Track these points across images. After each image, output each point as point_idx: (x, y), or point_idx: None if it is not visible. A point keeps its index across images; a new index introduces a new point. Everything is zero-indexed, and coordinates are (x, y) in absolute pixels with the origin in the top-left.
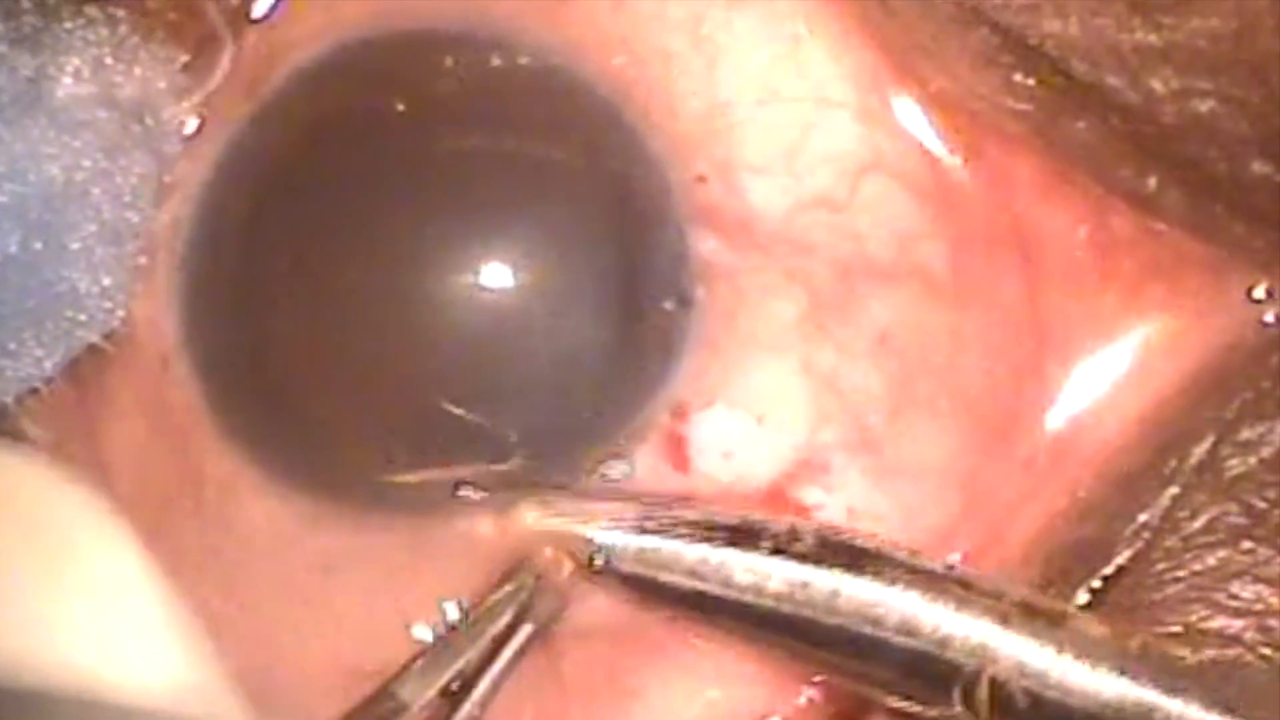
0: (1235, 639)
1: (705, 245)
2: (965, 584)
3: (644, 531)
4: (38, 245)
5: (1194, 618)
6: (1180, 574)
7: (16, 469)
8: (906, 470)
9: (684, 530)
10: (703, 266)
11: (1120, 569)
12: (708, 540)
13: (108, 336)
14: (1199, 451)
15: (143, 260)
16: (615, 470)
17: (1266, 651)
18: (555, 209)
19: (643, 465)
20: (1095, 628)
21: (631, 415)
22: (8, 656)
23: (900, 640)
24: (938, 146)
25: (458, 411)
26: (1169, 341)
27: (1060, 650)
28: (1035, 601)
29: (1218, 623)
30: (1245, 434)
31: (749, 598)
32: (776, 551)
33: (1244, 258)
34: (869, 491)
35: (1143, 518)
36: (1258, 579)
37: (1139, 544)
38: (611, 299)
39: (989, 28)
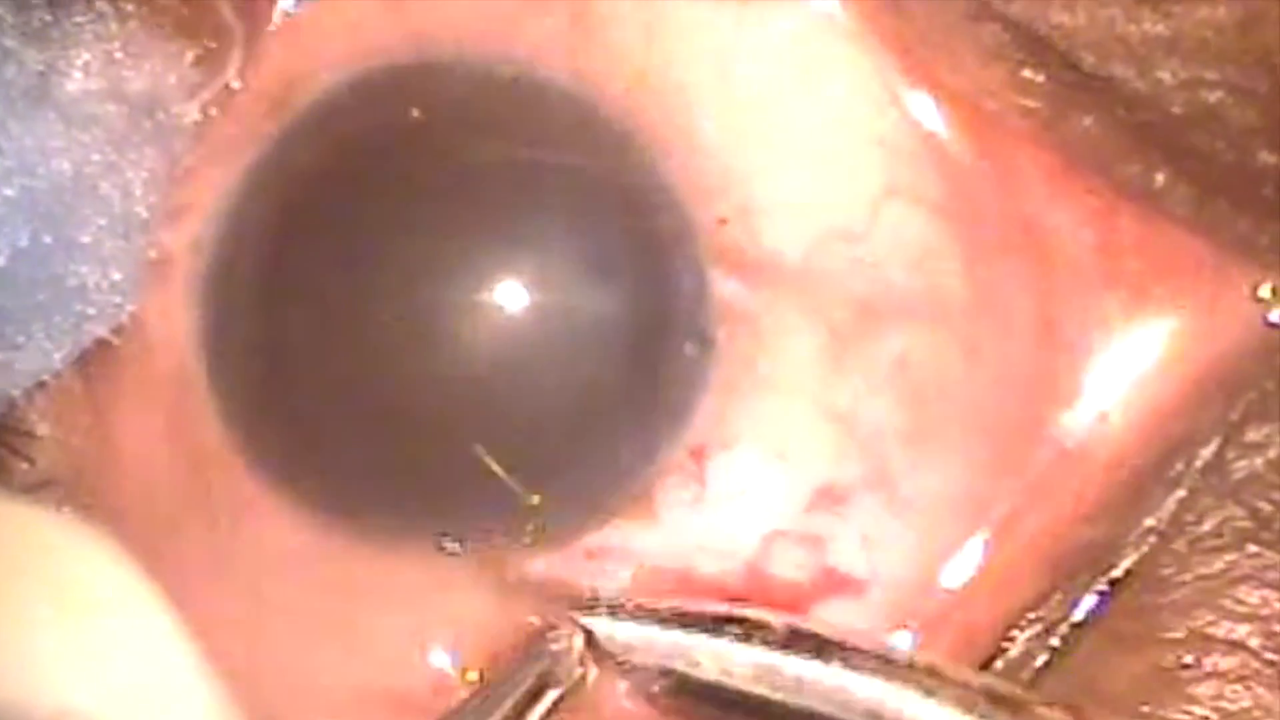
0: (1241, 645)
1: (726, 287)
2: (931, 672)
3: (623, 616)
4: (47, 239)
5: (1200, 622)
6: (1186, 578)
7: (21, 516)
8: (921, 495)
9: (664, 616)
10: (723, 308)
11: (1127, 573)
12: (681, 626)
13: (116, 331)
14: (1205, 454)
15: (158, 274)
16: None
17: (1272, 657)
18: (575, 245)
19: (661, 506)
20: (1058, 714)
21: (650, 456)
22: (14, 700)
23: None
24: (953, 154)
25: (465, 456)
26: (1174, 343)
27: None
28: (999, 690)
29: (1224, 628)
30: (1251, 436)
31: (720, 679)
32: (746, 638)
33: (1249, 256)
34: (882, 519)
35: (1149, 521)
36: (1264, 584)
37: (1145, 548)
38: (632, 340)
39: (998, 22)
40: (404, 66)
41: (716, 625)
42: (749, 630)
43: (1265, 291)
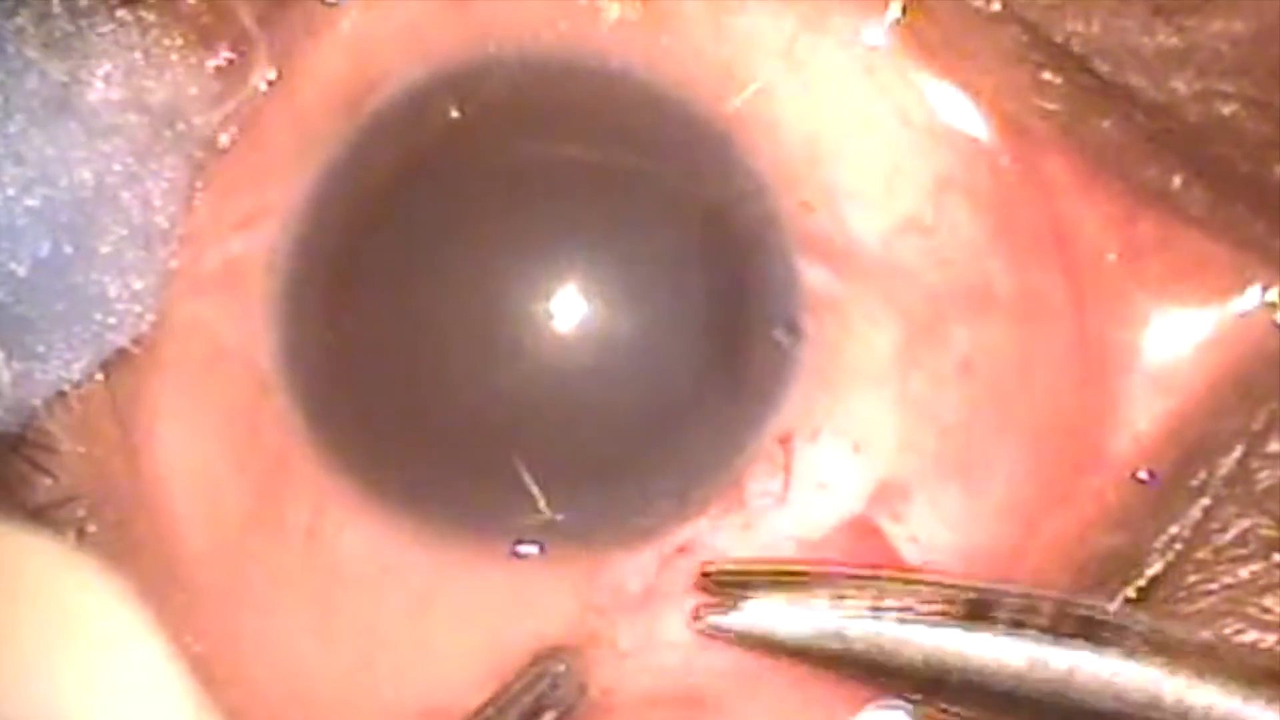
0: (1269, 653)
1: (814, 275)
2: (1206, 651)
3: (879, 613)
4: (68, 249)
5: (1227, 631)
6: (1212, 586)
7: (20, 543)
8: (972, 497)
9: (919, 609)
10: (811, 296)
11: (1153, 580)
12: (944, 617)
13: (138, 341)
14: (1228, 462)
15: (230, 283)
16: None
17: None
18: (660, 238)
19: (750, 496)
20: None
21: (739, 445)
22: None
23: (1143, 715)
24: (993, 153)
25: (548, 461)
26: (1194, 346)
27: None
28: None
29: (1250, 636)
30: (1275, 446)
31: (986, 677)
32: (1016, 625)
33: (1267, 260)
34: (933, 519)
35: (1174, 529)
36: None
37: (1170, 555)
38: (722, 329)
39: (1019, 25)
40: (471, 67)
41: (982, 609)
42: (1015, 618)
43: (1274, 295)
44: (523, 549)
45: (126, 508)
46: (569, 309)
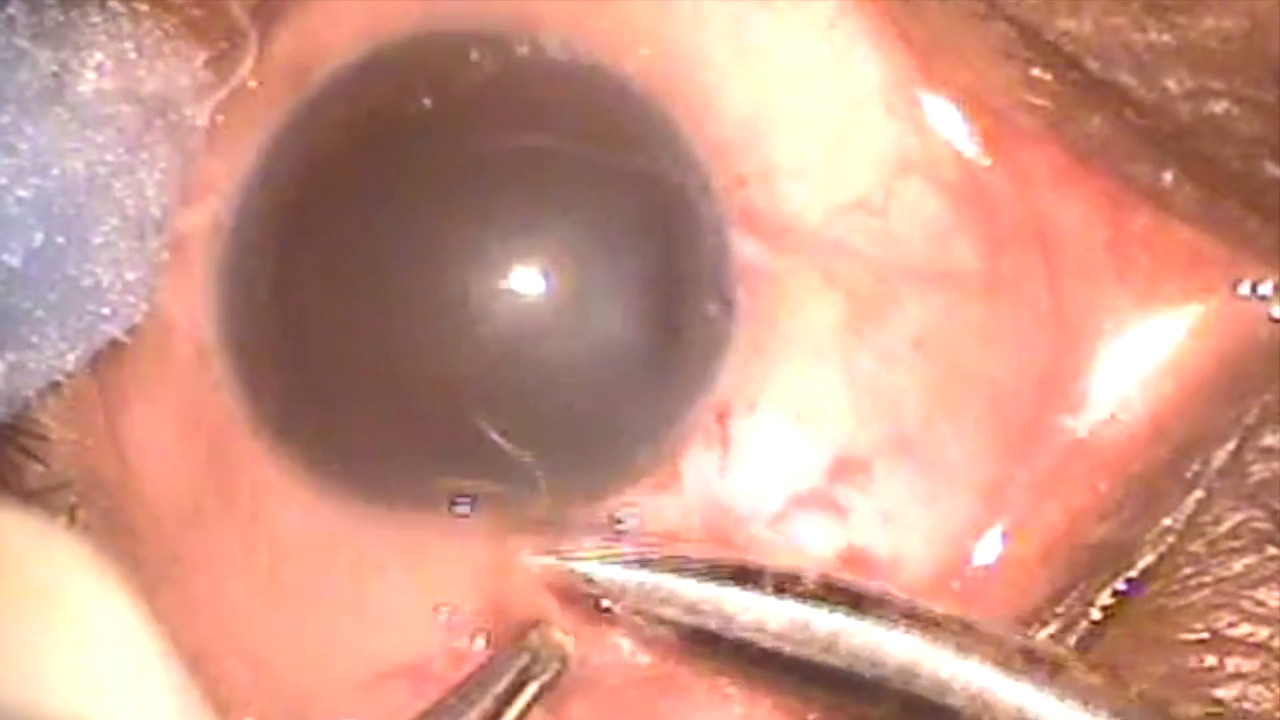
0: (1261, 647)
1: (746, 247)
2: (966, 628)
3: (643, 567)
4: (60, 239)
5: (1220, 624)
6: (1205, 579)
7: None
8: (936, 474)
9: (685, 568)
10: (744, 268)
11: (1144, 572)
12: (710, 578)
13: (130, 331)
14: (1221, 455)
15: (175, 258)
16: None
17: None
18: (595, 209)
19: (687, 470)
20: (1093, 677)
21: (675, 417)
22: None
23: (900, 684)
24: (965, 144)
25: (488, 426)
26: (1182, 339)
27: (1060, 698)
28: (1035, 648)
29: (1242, 630)
30: (1269, 440)
31: (749, 635)
32: (778, 591)
33: (1257, 254)
34: (899, 496)
35: (1166, 521)
36: None
37: (1163, 547)
38: (654, 301)
39: (1007, 22)
40: (417, 43)
41: (747, 576)
42: (782, 582)
43: (1267, 289)
44: (457, 508)
45: (114, 494)
46: (507, 281)
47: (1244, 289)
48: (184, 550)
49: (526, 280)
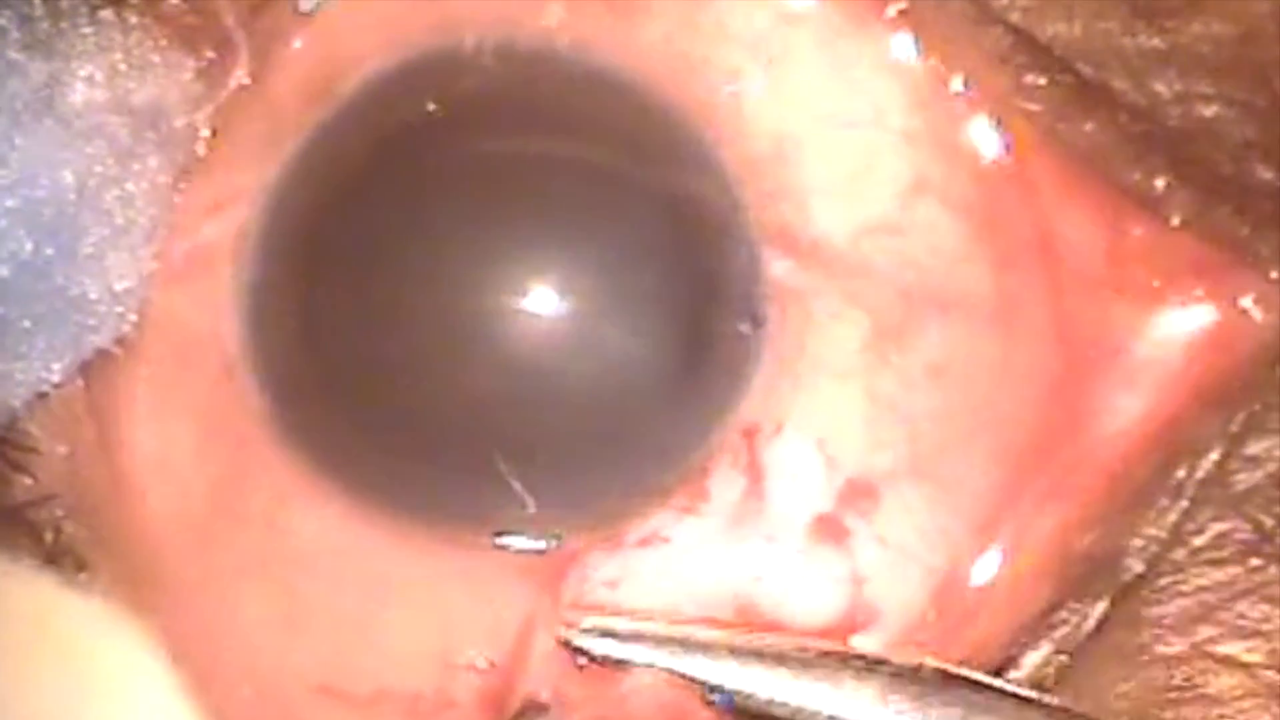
0: (1240, 662)
1: (778, 266)
2: None
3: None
4: (49, 250)
5: (1201, 637)
6: (1186, 589)
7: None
8: (943, 498)
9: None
10: (775, 287)
11: (1131, 582)
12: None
13: (119, 341)
14: (1205, 465)
15: (198, 269)
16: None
17: (1273, 676)
18: (627, 226)
19: (716, 490)
20: None
21: (704, 439)
22: None
23: None
24: (978, 158)
25: (514, 447)
26: (1179, 350)
27: None
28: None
29: (1224, 644)
30: (1252, 449)
31: None
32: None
33: (1251, 264)
34: (902, 521)
35: (1151, 531)
36: (1265, 598)
37: (1147, 556)
38: (685, 319)
39: (1001, 26)
40: (444, 57)
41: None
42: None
43: (1254, 298)
44: (481, 536)
45: (104, 506)
46: (533, 298)
47: (1236, 299)
48: (188, 564)
49: (554, 301)
